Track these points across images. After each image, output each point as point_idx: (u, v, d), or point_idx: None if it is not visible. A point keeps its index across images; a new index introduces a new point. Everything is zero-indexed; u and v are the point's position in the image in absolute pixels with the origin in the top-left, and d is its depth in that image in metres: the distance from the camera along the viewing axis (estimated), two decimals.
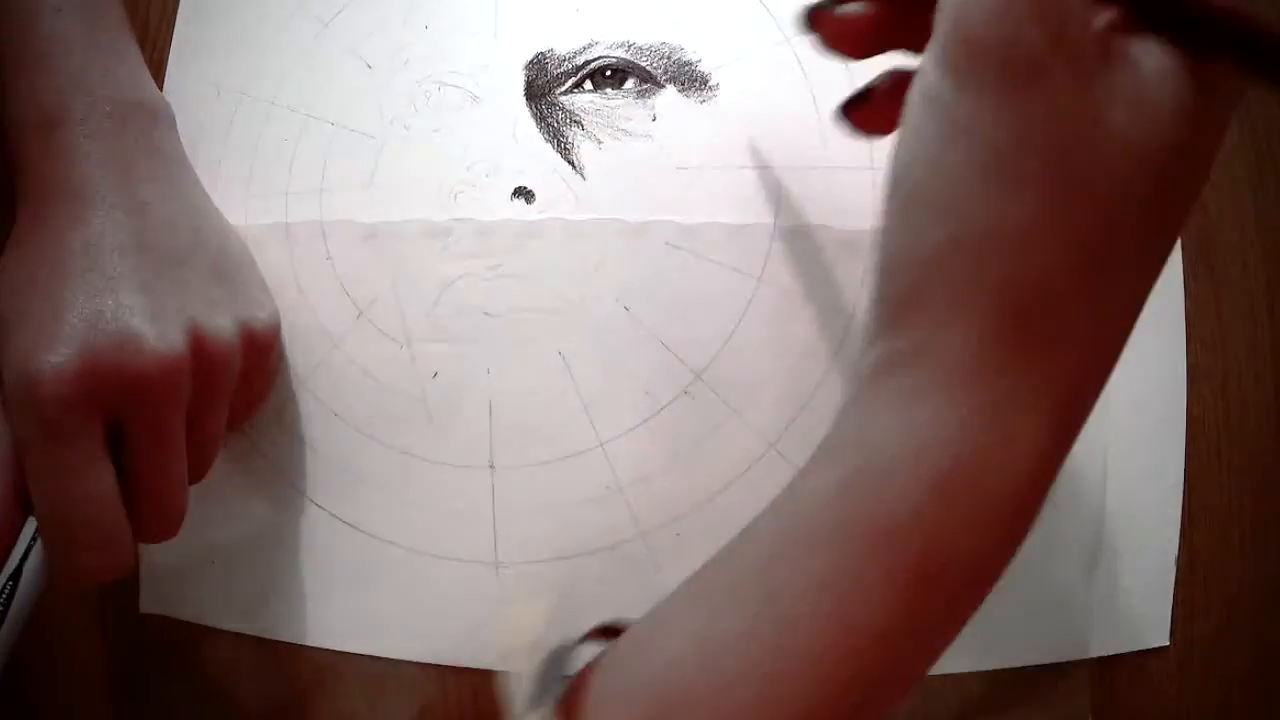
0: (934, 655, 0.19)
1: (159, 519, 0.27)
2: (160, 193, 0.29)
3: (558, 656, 0.23)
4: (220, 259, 0.30)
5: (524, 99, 0.32)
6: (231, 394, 0.29)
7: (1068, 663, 0.30)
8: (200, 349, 0.27)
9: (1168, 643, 0.30)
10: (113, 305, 0.26)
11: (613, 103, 0.32)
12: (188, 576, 0.32)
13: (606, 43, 0.32)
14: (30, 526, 0.26)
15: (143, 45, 0.35)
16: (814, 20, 0.22)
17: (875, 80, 0.23)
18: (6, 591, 0.25)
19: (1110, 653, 0.30)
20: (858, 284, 0.30)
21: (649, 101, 0.32)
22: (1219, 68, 0.17)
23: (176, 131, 0.32)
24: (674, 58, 0.32)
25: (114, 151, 0.29)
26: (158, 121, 0.31)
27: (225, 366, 0.28)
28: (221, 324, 0.28)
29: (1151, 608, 0.30)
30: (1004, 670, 0.29)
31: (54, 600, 0.27)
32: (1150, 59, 0.17)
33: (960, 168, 0.17)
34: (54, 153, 0.28)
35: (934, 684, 0.29)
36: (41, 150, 0.28)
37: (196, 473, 0.29)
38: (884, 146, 0.31)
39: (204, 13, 0.35)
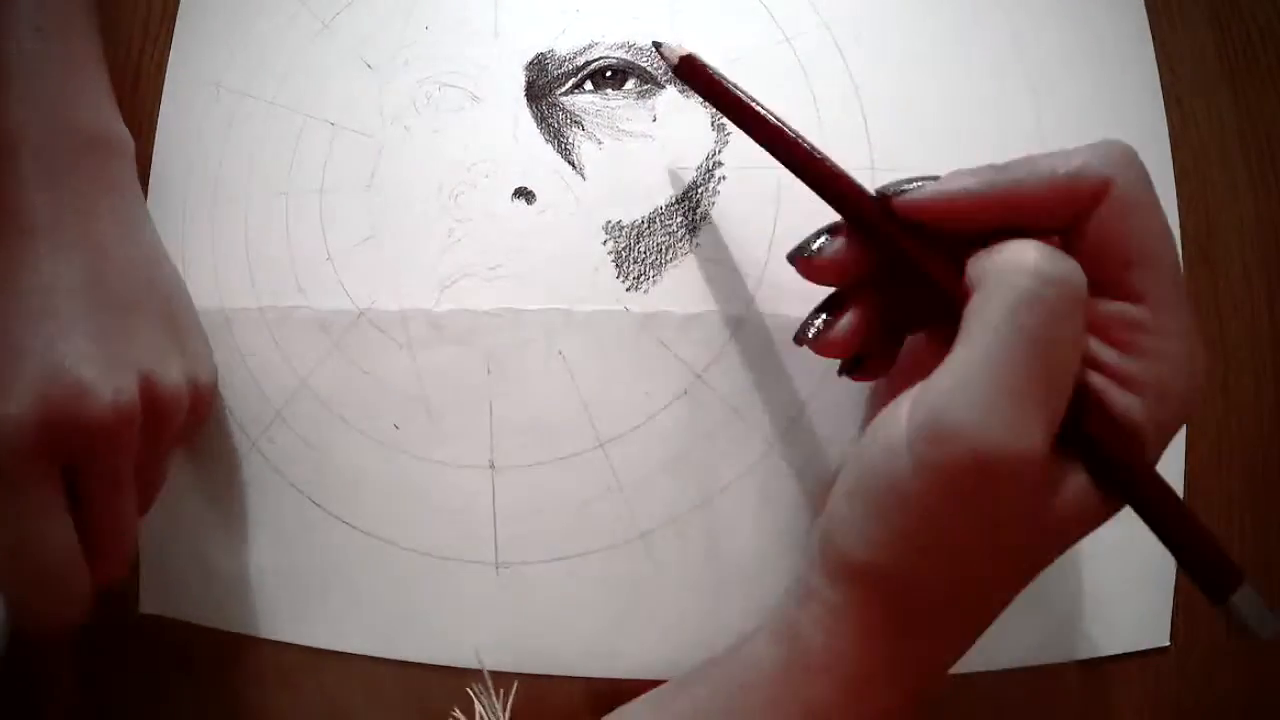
0: None
1: (112, 559, 0.28)
2: (117, 234, 0.29)
3: None
4: (170, 308, 0.30)
5: (524, 99, 0.32)
6: (175, 441, 0.30)
7: (1067, 663, 0.30)
8: (150, 398, 0.28)
9: (1168, 643, 0.30)
10: (67, 353, 0.26)
11: (613, 103, 0.32)
12: (188, 576, 0.32)
13: (607, 43, 0.32)
14: None
15: (143, 45, 0.35)
16: (793, 260, 0.25)
17: (819, 243, 0.25)
18: None
19: (1110, 653, 0.30)
20: None
21: (649, 102, 0.32)
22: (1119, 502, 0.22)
23: (135, 168, 0.32)
24: None
25: (71, 184, 0.28)
26: (118, 156, 0.31)
27: (173, 415, 0.29)
28: (171, 374, 0.29)
29: (1151, 608, 0.30)
30: (1003, 671, 0.29)
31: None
32: (1076, 482, 0.21)
33: (894, 526, 0.22)
34: (10, 181, 0.27)
35: None
36: None
37: (140, 510, 0.29)
38: (884, 147, 0.31)
39: (204, 13, 0.35)
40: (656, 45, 0.29)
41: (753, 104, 0.26)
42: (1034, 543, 0.22)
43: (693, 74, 0.28)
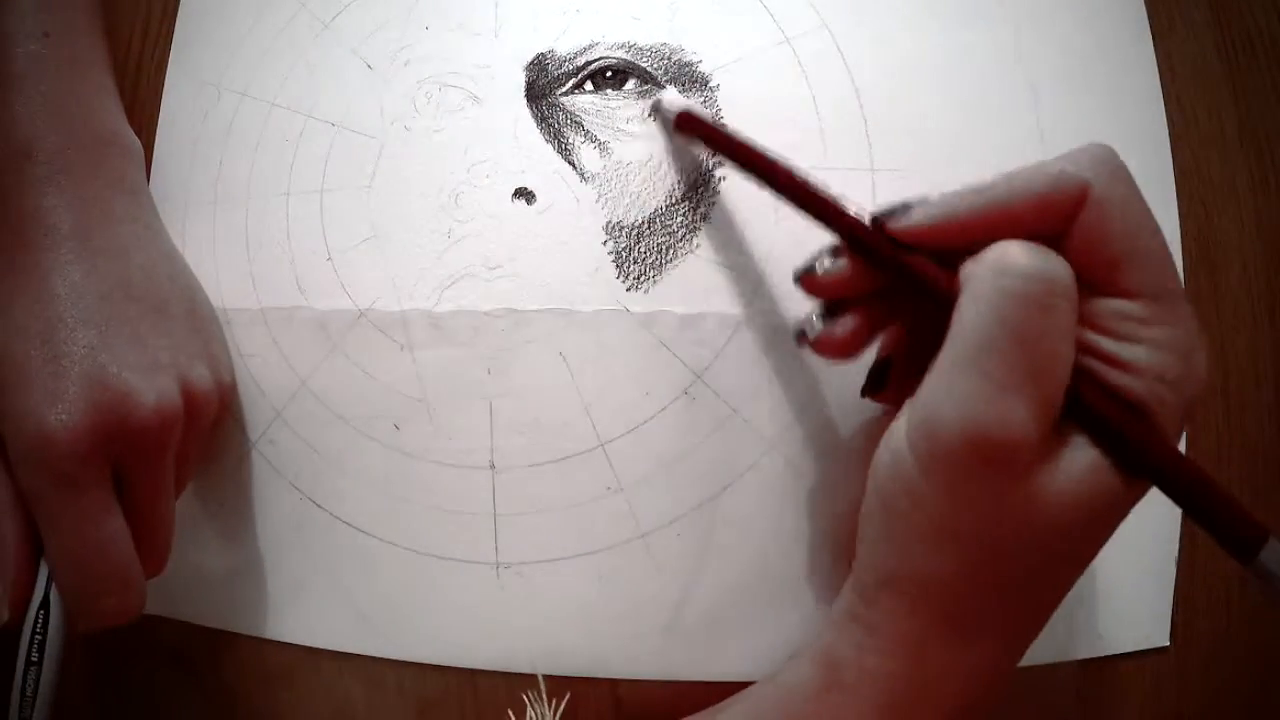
0: None
1: (156, 555, 0.29)
2: (138, 237, 0.30)
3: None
4: (192, 309, 0.31)
5: (524, 100, 0.32)
6: (203, 439, 0.30)
7: (1067, 663, 0.30)
8: (188, 399, 0.28)
9: (1168, 643, 0.30)
10: (110, 361, 0.26)
11: (613, 103, 0.32)
12: (188, 576, 0.32)
13: (607, 43, 0.32)
14: (42, 574, 0.27)
15: (143, 45, 0.35)
16: (798, 279, 0.26)
17: (824, 263, 0.25)
18: (41, 621, 0.27)
19: (1110, 653, 0.30)
20: None
21: (649, 102, 0.32)
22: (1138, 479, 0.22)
23: (144, 172, 0.32)
24: (674, 58, 0.32)
25: (91, 190, 0.29)
26: (131, 161, 0.31)
27: (207, 413, 0.30)
28: (202, 374, 0.30)
29: (1151, 608, 0.30)
30: None
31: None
32: (1083, 458, 0.21)
33: (912, 526, 0.23)
34: (28, 186, 0.28)
35: None
36: (14, 182, 0.28)
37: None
38: (884, 147, 0.31)
39: (204, 13, 0.35)
40: (655, 104, 0.31)
41: (750, 144, 0.27)
42: (1054, 528, 0.21)
43: (690, 126, 0.29)
